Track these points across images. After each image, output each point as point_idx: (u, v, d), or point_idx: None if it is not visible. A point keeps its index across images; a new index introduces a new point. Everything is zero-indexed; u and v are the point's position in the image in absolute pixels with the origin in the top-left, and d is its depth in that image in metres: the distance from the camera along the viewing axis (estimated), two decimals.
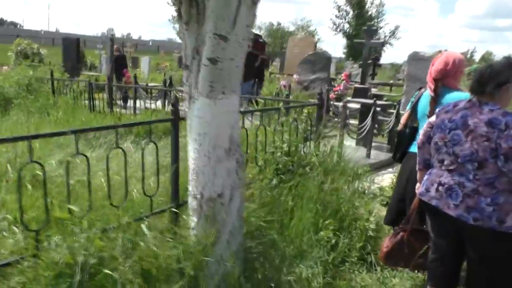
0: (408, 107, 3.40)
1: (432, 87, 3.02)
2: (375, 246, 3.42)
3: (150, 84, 11.23)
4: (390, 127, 7.33)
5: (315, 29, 38.36)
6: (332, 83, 11.98)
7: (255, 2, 2.08)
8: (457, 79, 3.06)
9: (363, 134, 6.84)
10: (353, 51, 31.02)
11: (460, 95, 2.82)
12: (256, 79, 10.40)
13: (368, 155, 6.84)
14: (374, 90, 12.59)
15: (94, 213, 2.39)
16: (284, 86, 9.17)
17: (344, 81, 10.85)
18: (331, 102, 9.83)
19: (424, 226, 2.72)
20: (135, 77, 8.93)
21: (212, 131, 2.18)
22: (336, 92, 11.22)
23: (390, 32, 35.37)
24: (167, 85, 9.49)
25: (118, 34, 66.71)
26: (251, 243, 2.61)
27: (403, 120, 3.46)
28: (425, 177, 2.46)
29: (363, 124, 6.84)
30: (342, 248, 3.29)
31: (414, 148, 3.03)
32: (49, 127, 6.27)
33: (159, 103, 8.35)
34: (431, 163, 2.48)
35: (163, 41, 59.72)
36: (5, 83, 8.12)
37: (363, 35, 10.59)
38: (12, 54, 19.83)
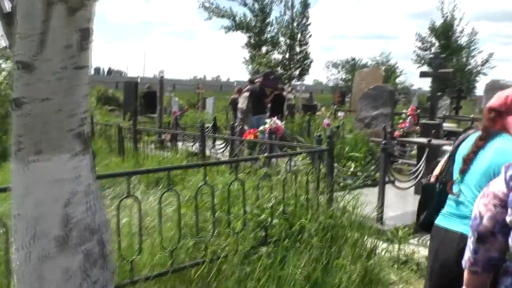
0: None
1: (487, 124, 2.02)
2: None
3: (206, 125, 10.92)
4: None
5: (396, 63, 36.30)
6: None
7: (74, 10, 1.30)
8: None
9: (416, 180, 5.57)
10: (441, 83, 28.65)
11: None
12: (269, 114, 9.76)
13: None
14: (450, 126, 10.96)
15: None
16: (328, 125, 8.13)
17: (410, 117, 9.50)
18: (394, 142, 8.57)
19: None
20: (176, 119, 8.61)
21: (29, 211, 1.40)
22: (401, 129, 9.88)
23: (482, 61, 32.22)
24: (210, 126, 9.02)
25: (208, 77, 69.71)
26: None
27: (436, 170, 2.40)
28: None
29: (415, 169, 5.58)
30: None
31: (444, 221, 2.10)
32: None
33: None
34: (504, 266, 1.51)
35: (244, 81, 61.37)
36: None
37: (433, 63, 9.22)
38: (94, 99, 21.40)
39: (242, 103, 7.76)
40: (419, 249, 4.41)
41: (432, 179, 2.40)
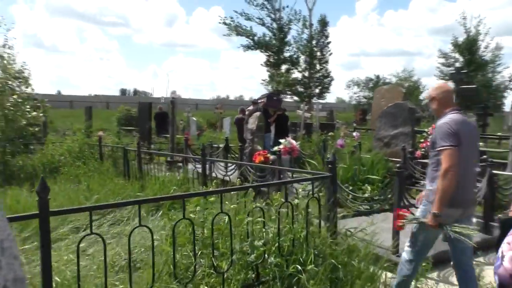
0: None
1: None
2: None
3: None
4: (481, 196, 5.44)
5: (419, 79, 35.62)
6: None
7: None
8: None
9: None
10: (465, 100, 27.77)
11: None
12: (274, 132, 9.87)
13: (445, 237, 5.02)
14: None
15: None
16: (341, 146, 7.71)
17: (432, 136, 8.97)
18: (414, 162, 8.08)
19: None
20: (186, 140, 8.39)
21: None
22: (422, 149, 9.36)
23: (510, 77, 31.17)
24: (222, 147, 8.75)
25: (231, 97, 70.08)
26: None
27: None
28: None
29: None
30: None
31: None
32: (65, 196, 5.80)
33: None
34: None
35: None
36: (56, 151, 8.14)
37: (454, 78, 8.74)
38: (115, 120, 21.53)
39: (252, 123, 7.47)
40: (438, 286, 3.95)
41: (511, 214, 2.32)
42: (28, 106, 7.71)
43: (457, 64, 30.45)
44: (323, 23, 25.61)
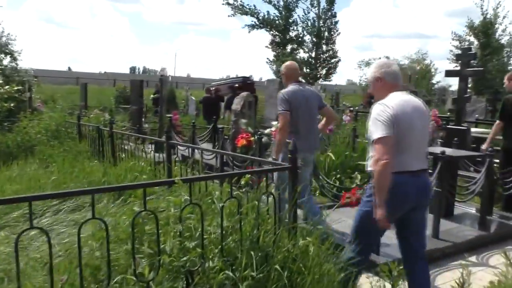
0: None
1: None
2: None
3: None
4: (477, 187, 4.94)
5: (431, 62, 34.44)
6: None
7: None
8: None
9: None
10: (479, 84, 26.75)
11: None
12: None
13: (436, 234, 4.54)
14: (482, 132, 9.67)
15: None
16: (330, 131, 7.16)
17: (433, 122, 8.38)
18: None
19: None
20: (170, 120, 7.90)
21: None
22: None
23: None
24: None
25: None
26: None
27: None
28: None
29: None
30: None
31: None
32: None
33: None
34: None
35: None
36: (32, 129, 7.73)
37: (460, 60, 8.03)
38: (112, 99, 21.13)
39: (237, 103, 6.98)
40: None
41: None
42: None
43: (472, 48, 29.26)
44: (330, 1, 24.60)
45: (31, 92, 10.37)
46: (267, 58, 25.47)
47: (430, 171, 3.63)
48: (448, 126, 7.70)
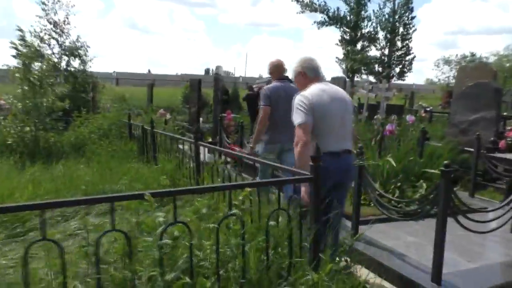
0: None
1: None
2: None
3: None
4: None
5: None
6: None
7: None
8: None
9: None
10: None
11: None
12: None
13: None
14: None
15: None
16: (391, 132, 6.26)
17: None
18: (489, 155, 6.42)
19: None
20: (220, 119, 7.50)
21: None
22: (509, 139, 7.57)
23: None
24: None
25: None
26: None
27: None
28: None
29: (503, 203, 3.67)
30: None
31: None
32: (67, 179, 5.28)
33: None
34: None
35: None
36: (86, 129, 7.78)
37: None
38: (180, 98, 21.52)
39: None
40: None
41: None
42: (51, 80, 7.34)
43: None
44: None
45: (93, 92, 10.63)
46: (336, 57, 24.42)
47: None
48: None
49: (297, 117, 2.95)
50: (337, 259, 2.38)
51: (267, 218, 2.15)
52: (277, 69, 4.53)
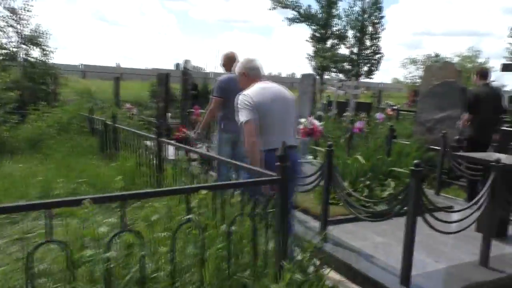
0: None
1: None
2: None
3: None
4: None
5: (486, 60, 32.04)
6: None
7: None
8: None
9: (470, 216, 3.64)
10: None
11: None
12: None
13: (485, 261, 3.59)
14: None
15: None
16: (360, 130, 6.22)
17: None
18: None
19: None
20: (187, 114, 7.28)
21: None
22: None
23: None
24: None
25: (283, 74, 67.77)
26: None
27: None
28: None
29: (471, 202, 3.63)
30: None
31: None
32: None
33: None
34: None
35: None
36: (45, 123, 7.35)
37: None
38: (148, 93, 20.99)
39: None
40: None
41: None
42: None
43: None
44: None
45: (55, 84, 10.12)
46: (307, 54, 24.47)
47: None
48: (504, 128, 6.62)
49: (243, 115, 3.02)
50: (295, 272, 2.23)
51: (228, 225, 1.97)
52: (229, 61, 4.57)
